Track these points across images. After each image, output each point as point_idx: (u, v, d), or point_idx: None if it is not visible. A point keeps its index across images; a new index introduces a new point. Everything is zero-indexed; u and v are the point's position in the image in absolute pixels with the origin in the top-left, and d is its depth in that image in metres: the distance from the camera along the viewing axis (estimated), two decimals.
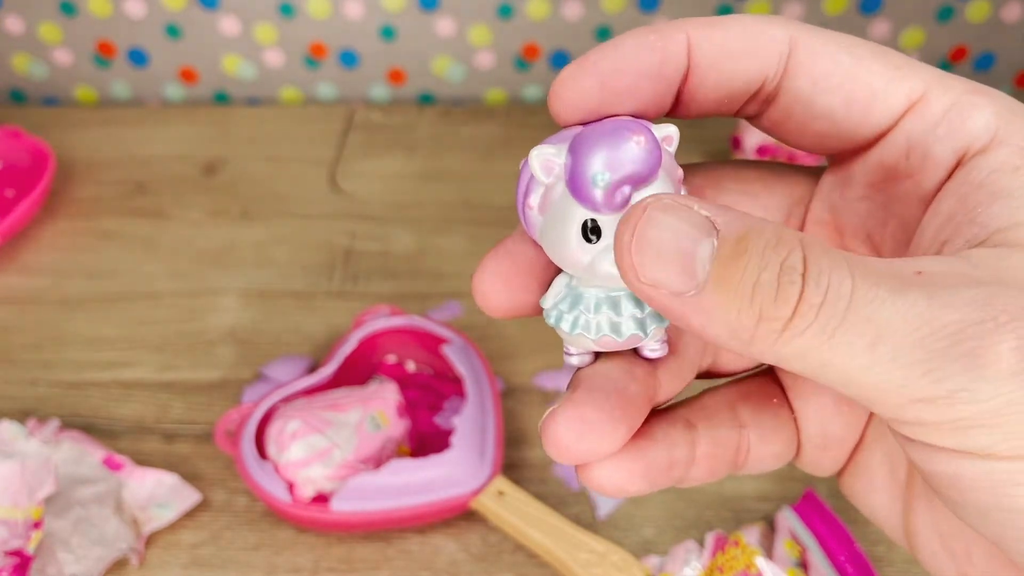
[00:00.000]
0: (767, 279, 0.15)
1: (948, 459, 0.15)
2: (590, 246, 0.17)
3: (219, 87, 0.66)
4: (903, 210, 0.19)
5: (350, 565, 0.37)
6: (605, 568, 0.35)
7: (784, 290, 0.14)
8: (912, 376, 0.14)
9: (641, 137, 0.17)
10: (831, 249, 0.15)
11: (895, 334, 0.14)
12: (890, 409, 0.15)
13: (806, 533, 0.35)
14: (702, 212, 0.15)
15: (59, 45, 0.64)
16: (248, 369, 0.45)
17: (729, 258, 0.15)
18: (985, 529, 0.16)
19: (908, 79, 0.18)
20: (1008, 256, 0.15)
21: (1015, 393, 0.14)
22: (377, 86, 0.66)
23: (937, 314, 0.14)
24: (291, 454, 0.37)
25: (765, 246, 0.15)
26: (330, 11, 0.62)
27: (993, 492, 0.15)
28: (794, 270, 0.14)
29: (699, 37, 0.18)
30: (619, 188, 0.17)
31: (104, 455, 0.40)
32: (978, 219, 0.16)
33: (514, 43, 0.63)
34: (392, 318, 0.43)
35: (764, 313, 0.15)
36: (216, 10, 0.62)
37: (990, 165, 0.17)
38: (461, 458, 0.37)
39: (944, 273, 0.15)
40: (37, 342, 0.47)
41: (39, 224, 0.54)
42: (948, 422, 0.14)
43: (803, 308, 0.14)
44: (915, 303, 0.14)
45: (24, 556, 0.35)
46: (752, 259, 0.15)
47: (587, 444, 0.18)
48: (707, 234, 0.15)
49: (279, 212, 0.55)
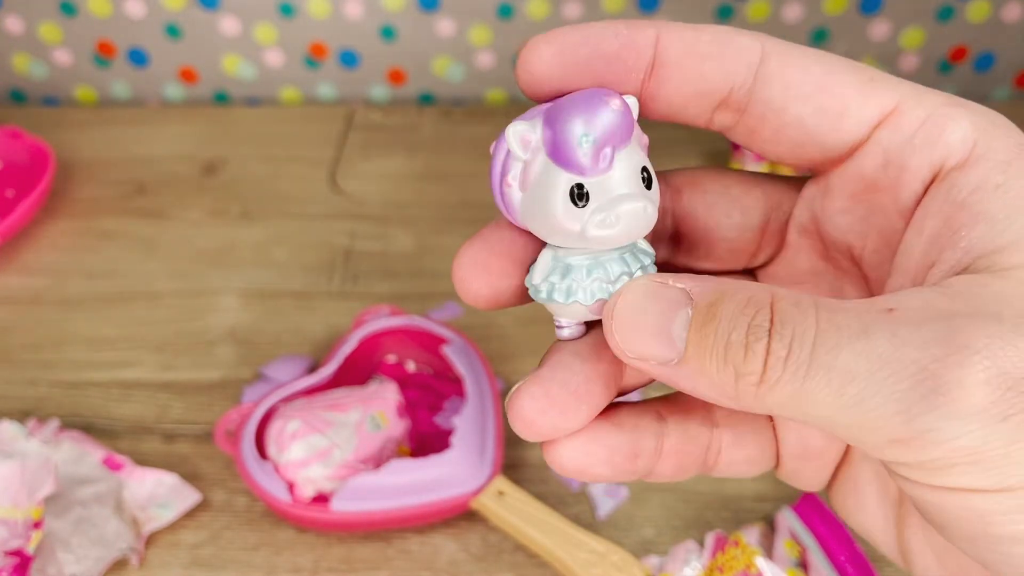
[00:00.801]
0: (736, 339, 0.16)
1: (932, 493, 0.15)
2: (579, 211, 0.18)
3: (219, 87, 0.66)
4: (883, 222, 0.19)
5: (350, 565, 0.37)
6: (605, 568, 0.34)
7: (752, 347, 0.15)
8: (884, 417, 0.15)
9: (616, 100, 0.18)
10: (802, 299, 0.16)
11: (858, 378, 0.15)
12: (872, 449, 0.15)
13: (806, 533, 0.35)
14: (677, 286, 0.17)
15: (59, 45, 0.64)
16: (248, 369, 0.45)
17: (703, 324, 0.16)
18: (974, 554, 0.16)
19: (881, 91, 0.18)
20: (988, 283, 0.16)
21: (985, 429, 0.14)
22: (377, 86, 0.66)
23: (898, 354, 0.14)
24: (291, 454, 0.37)
25: (735, 309, 0.16)
26: (330, 11, 0.62)
27: (979, 522, 0.15)
28: (760, 328, 0.15)
29: (669, 35, 0.18)
30: (602, 149, 0.17)
31: (104, 455, 0.40)
32: (961, 243, 0.17)
33: (514, 43, 0.63)
34: (392, 318, 0.43)
35: (738, 370, 0.16)
36: (216, 10, 0.62)
37: (971, 182, 0.17)
38: (461, 458, 0.37)
39: (916, 308, 0.15)
40: (37, 342, 0.47)
41: (39, 224, 0.54)
42: (926, 462, 0.15)
43: (771, 361, 0.15)
44: (877, 344, 0.15)
45: (24, 556, 0.35)
46: (723, 322, 0.16)
47: (549, 420, 0.18)
48: (683, 305, 0.17)
49: (279, 212, 0.55)
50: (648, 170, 0.18)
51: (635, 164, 0.18)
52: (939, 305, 0.15)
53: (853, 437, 0.15)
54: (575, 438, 0.19)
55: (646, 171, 0.18)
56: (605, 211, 0.17)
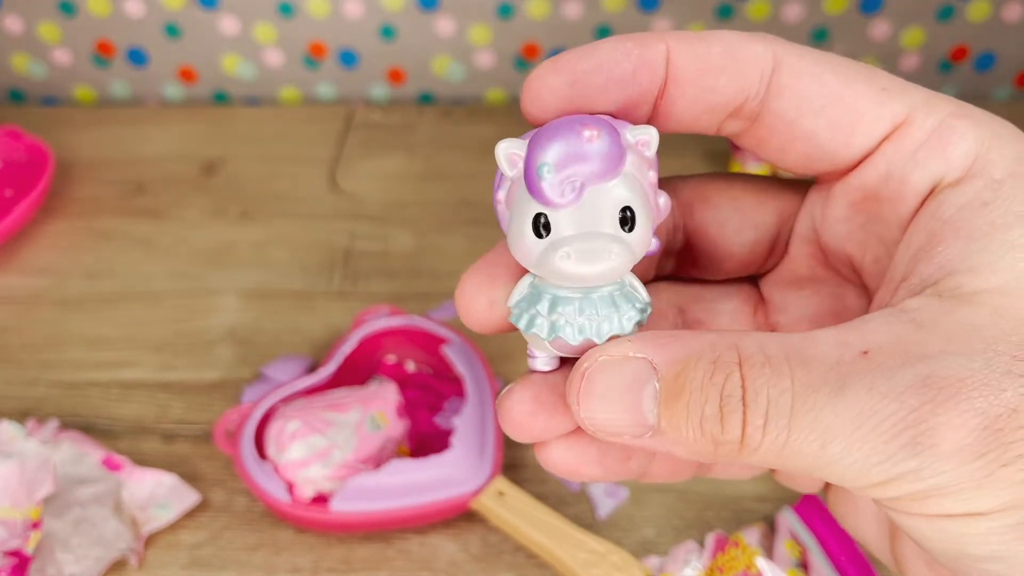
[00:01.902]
0: (710, 412, 0.16)
1: (910, 518, 0.16)
2: (538, 242, 0.17)
3: (218, 87, 0.66)
4: (883, 233, 0.19)
5: (350, 565, 0.37)
6: (605, 568, 0.34)
7: (728, 419, 0.16)
8: (866, 466, 0.15)
9: (594, 131, 0.16)
10: (772, 354, 0.16)
11: (840, 435, 0.15)
12: (854, 488, 0.16)
13: (806, 533, 0.35)
14: (638, 356, 0.16)
15: (58, 45, 0.64)
16: (248, 369, 0.45)
17: (672, 399, 0.16)
18: (954, 570, 0.17)
19: (894, 101, 0.18)
20: (955, 310, 0.16)
21: (961, 468, 0.15)
22: (377, 86, 0.66)
23: (878, 407, 0.15)
24: (291, 454, 0.37)
25: (702, 379, 0.16)
26: (330, 11, 0.62)
27: (956, 543, 0.16)
28: (733, 397, 0.15)
29: (680, 50, 0.18)
30: (567, 182, 0.16)
31: (103, 455, 0.40)
32: (936, 258, 0.17)
33: (514, 43, 0.63)
34: (392, 318, 0.43)
35: (717, 440, 0.16)
36: (215, 10, 0.62)
37: (959, 200, 0.17)
38: (461, 458, 0.37)
39: (889, 348, 0.15)
40: (36, 342, 0.47)
41: (38, 224, 0.54)
42: (906, 495, 0.15)
43: (749, 430, 0.15)
44: (856, 400, 0.15)
45: (23, 556, 0.35)
46: (693, 396, 0.16)
47: (539, 423, 0.18)
48: (647, 379, 0.16)
49: (279, 212, 0.55)
50: (631, 209, 0.17)
51: (614, 200, 0.17)
52: (911, 341, 0.16)
53: (835, 480, 0.16)
54: (566, 439, 0.19)
55: (628, 210, 0.17)
56: (561, 247, 0.16)
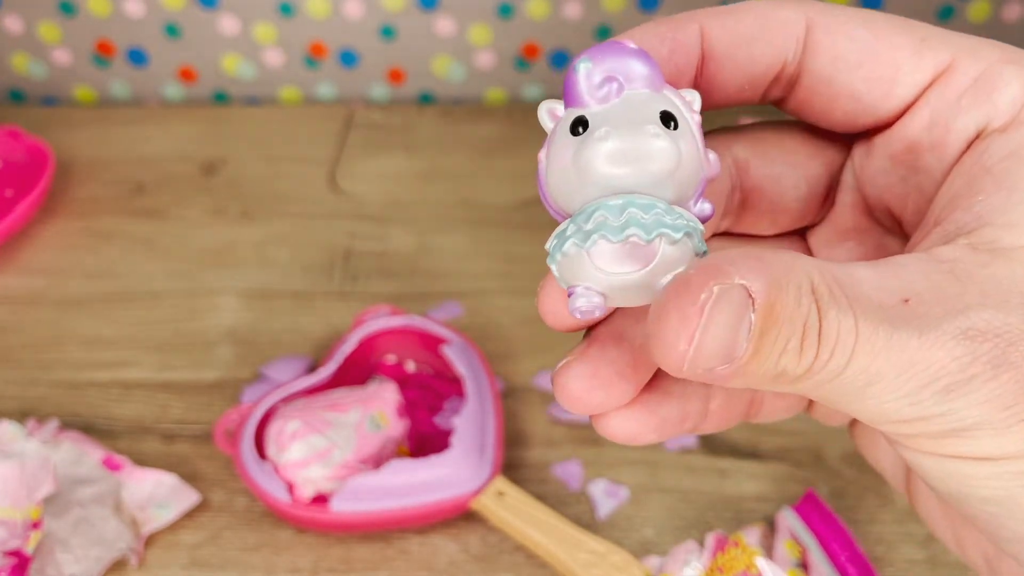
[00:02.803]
0: (793, 346, 0.15)
1: (922, 455, 0.17)
2: (573, 139, 0.16)
3: (218, 87, 0.66)
4: (924, 184, 0.19)
5: (350, 565, 0.37)
6: (605, 568, 0.34)
7: (806, 352, 0.16)
8: (899, 406, 0.16)
9: (630, 42, 0.16)
10: (836, 292, 0.16)
11: (886, 376, 0.16)
12: (876, 424, 0.17)
13: (807, 533, 0.35)
14: (740, 283, 0.15)
15: (58, 45, 0.64)
16: (247, 369, 0.45)
17: (763, 332, 0.15)
18: (955, 506, 0.18)
19: (935, 49, 0.18)
20: (990, 263, 0.16)
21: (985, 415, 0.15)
22: (377, 86, 0.66)
23: (922, 355, 0.15)
24: (291, 454, 0.37)
25: (792, 307, 0.15)
26: (330, 10, 0.62)
27: (961, 482, 0.17)
28: (812, 330, 0.15)
29: (712, 26, 0.18)
30: (606, 79, 0.16)
31: (103, 455, 0.40)
32: (975, 207, 0.17)
33: (514, 43, 0.63)
34: (392, 318, 0.43)
35: (785, 371, 0.16)
36: (215, 9, 0.62)
37: (1004, 148, 0.17)
38: (461, 458, 0.37)
39: (929, 298, 0.16)
40: (36, 342, 0.47)
41: (38, 224, 0.54)
42: (924, 433, 0.16)
43: (816, 366, 0.16)
44: (905, 346, 0.15)
45: (23, 556, 0.35)
46: (783, 329, 0.15)
47: (596, 397, 0.18)
48: (747, 310, 0.15)
49: (279, 212, 0.55)
50: (671, 114, 0.16)
51: (654, 104, 0.16)
52: (949, 292, 0.16)
53: (863, 417, 0.16)
54: (625, 410, 0.19)
55: (667, 114, 0.16)
56: (595, 135, 0.15)
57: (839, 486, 0.40)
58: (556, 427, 0.42)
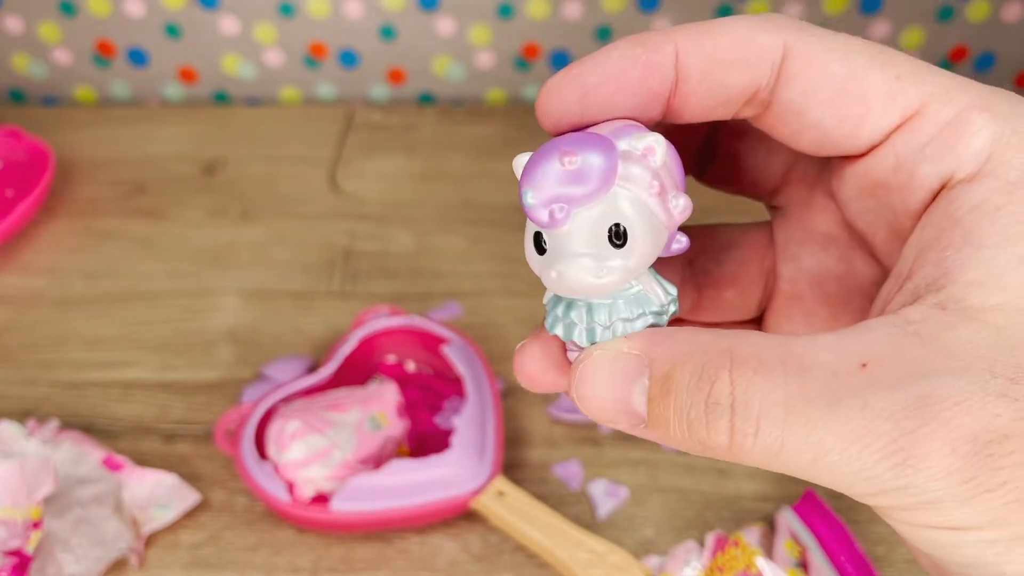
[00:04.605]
0: (696, 416, 0.16)
1: (901, 525, 0.17)
2: (540, 257, 0.18)
3: (219, 87, 0.66)
4: (892, 220, 0.19)
5: (350, 565, 0.37)
6: (605, 568, 0.34)
7: (714, 425, 0.16)
8: (856, 480, 0.15)
9: (575, 156, 0.17)
10: (764, 363, 0.16)
11: (833, 450, 0.15)
12: (850, 496, 0.16)
13: (806, 533, 0.35)
14: (632, 352, 0.17)
15: (59, 45, 0.64)
16: (248, 369, 0.45)
17: (659, 398, 0.16)
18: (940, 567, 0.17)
19: (907, 90, 0.17)
20: (957, 325, 0.16)
21: (947, 489, 0.15)
22: (377, 86, 0.66)
23: (871, 427, 0.15)
24: (291, 454, 0.37)
25: (688, 383, 0.16)
26: (330, 11, 0.62)
27: (935, 548, 0.16)
28: (719, 405, 0.16)
29: (688, 46, 0.18)
30: (550, 206, 0.17)
31: (104, 455, 0.40)
32: (945, 262, 0.16)
33: (514, 43, 0.63)
34: (392, 318, 0.43)
35: (704, 442, 0.16)
36: (216, 10, 0.62)
37: (972, 199, 0.17)
38: (461, 458, 0.37)
39: (889, 362, 0.15)
40: (36, 342, 0.47)
41: (39, 224, 0.54)
42: (894, 506, 0.16)
43: (738, 438, 0.16)
44: (850, 417, 0.15)
45: (23, 556, 0.35)
46: (679, 398, 0.16)
47: (549, 378, 0.19)
48: (639, 374, 0.17)
49: (279, 212, 0.55)
50: (619, 225, 0.17)
51: (599, 221, 0.17)
52: (910, 357, 0.15)
53: (828, 486, 0.16)
54: None
55: (616, 227, 0.17)
56: (552, 267, 0.17)
57: None
58: (556, 427, 0.42)
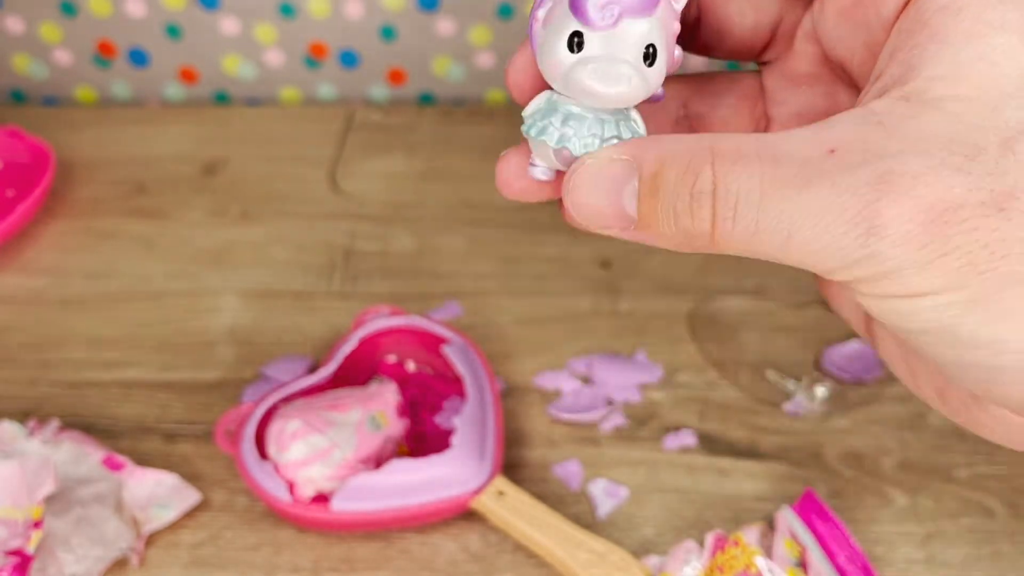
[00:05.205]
0: (682, 208, 0.18)
1: (868, 298, 0.18)
2: (569, 56, 0.19)
3: (219, 87, 0.66)
4: (868, 38, 0.20)
5: (350, 565, 0.37)
6: (605, 568, 0.35)
7: (697, 213, 0.18)
8: (826, 254, 0.17)
9: None
10: (744, 151, 0.17)
11: (804, 227, 0.17)
12: (820, 273, 0.18)
13: (805, 533, 0.35)
14: (622, 158, 0.18)
15: (59, 45, 0.64)
16: (248, 369, 0.45)
17: (648, 196, 0.18)
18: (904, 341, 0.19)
19: None
20: (919, 114, 0.17)
21: (907, 255, 0.17)
22: (377, 86, 0.66)
23: (838, 201, 0.17)
24: (291, 454, 0.37)
25: (676, 178, 0.18)
26: (330, 11, 0.62)
27: (897, 317, 0.18)
28: (703, 193, 0.17)
29: None
30: (608, 6, 0.18)
31: (104, 455, 0.40)
32: (911, 60, 0.18)
33: (514, 43, 0.63)
34: (392, 318, 0.43)
35: (689, 231, 0.18)
36: (216, 10, 0.62)
37: (939, 2, 0.18)
38: (461, 458, 0.37)
39: (855, 147, 0.17)
40: (37, 342, 0.47)
41: (39, 224, 0.54)
42: (861, 278, 0.17)
43: (719, 221, 0.17)
44: (819, 195, 0.17)
45: (24, 556, 0.35)
46: (666, 193, 0.18)
47: (521, 184, 0.22)
48: (629, 178, 0.18)
49: (279, 212, 0.55)
50: (655, 48, 0.19)
51: (642, 36, 0.19)
52: (874, 140, 0.17)
53: (801, 265, 0.18)
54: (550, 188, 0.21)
55: (652, 47, 0.19)
56: (588, 64, 0.18)
57: (838, 486, 0.40)
58: (556, 427, 0.42)
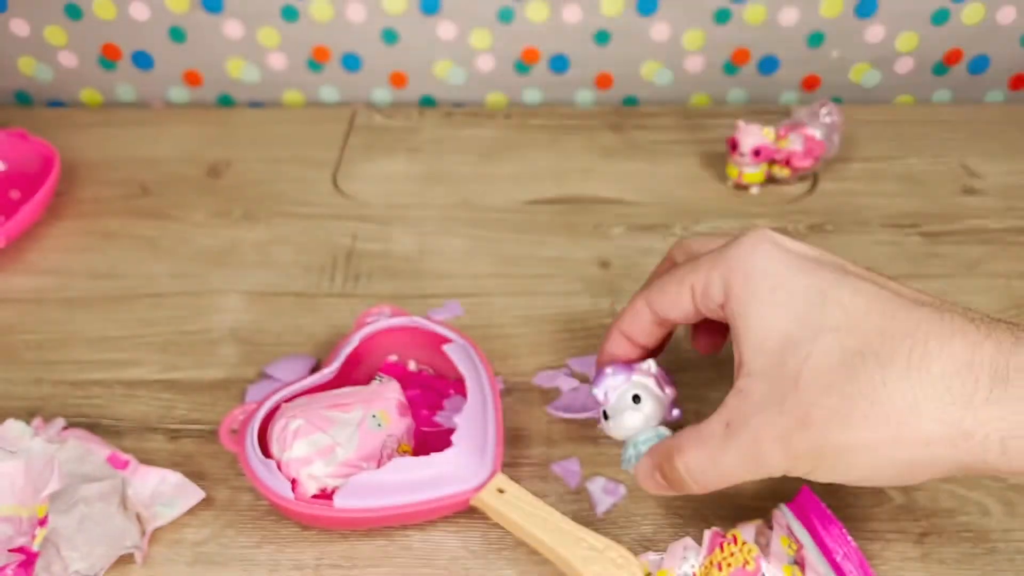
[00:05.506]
0: (659, 480, 0.35)
1: None
2: (605, 421, 0.38)
3: (223, 90, 0.66)
4: None
5: (352, 562, 0.38)
6: (604, 564, 0.35)
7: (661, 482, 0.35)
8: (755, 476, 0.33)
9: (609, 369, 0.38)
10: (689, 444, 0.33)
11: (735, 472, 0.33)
12: None
13: (802, 530, 0.36)
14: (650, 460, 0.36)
15: (64, 48, 0.64)
16: (251, 368, 0.46)
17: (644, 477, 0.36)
18: None
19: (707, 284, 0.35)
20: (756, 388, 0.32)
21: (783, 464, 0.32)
22: (379, 89, 0.66)
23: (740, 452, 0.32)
24: (294, 452, 0.37)
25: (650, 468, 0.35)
26: (332, 14, 0.62)
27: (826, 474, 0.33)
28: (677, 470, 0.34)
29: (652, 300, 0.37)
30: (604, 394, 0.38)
31: (109, 453, 0.40)
32: (740, 352, 0.33)
33: (514, 46, 0.64)
34: (393, 318, 0.44)
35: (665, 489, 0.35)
36: (220, 13, 0.62)
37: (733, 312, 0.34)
38: (462, 456, 0.37)
39: (736, 419, 0.32)
40: (42, 342, 0.48)
41: (44, 225, 0.54)
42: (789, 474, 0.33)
43: (675, 484, 0.35)
44: (731, 451, 0.32)
45: (29, 553, 0.36)
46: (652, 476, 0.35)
47: None
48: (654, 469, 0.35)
49: (282, 213, 0.56)
50: (638, 395, 0.37)
51: (627, 394, 0.37)
52: (743, 412, 0.32)
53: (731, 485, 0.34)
54: None
55: (635, 396, 0.37)
56: (611, 421, 0.37)
57: (834, 484, 0.40)
58: (555, 425, 0.43)
